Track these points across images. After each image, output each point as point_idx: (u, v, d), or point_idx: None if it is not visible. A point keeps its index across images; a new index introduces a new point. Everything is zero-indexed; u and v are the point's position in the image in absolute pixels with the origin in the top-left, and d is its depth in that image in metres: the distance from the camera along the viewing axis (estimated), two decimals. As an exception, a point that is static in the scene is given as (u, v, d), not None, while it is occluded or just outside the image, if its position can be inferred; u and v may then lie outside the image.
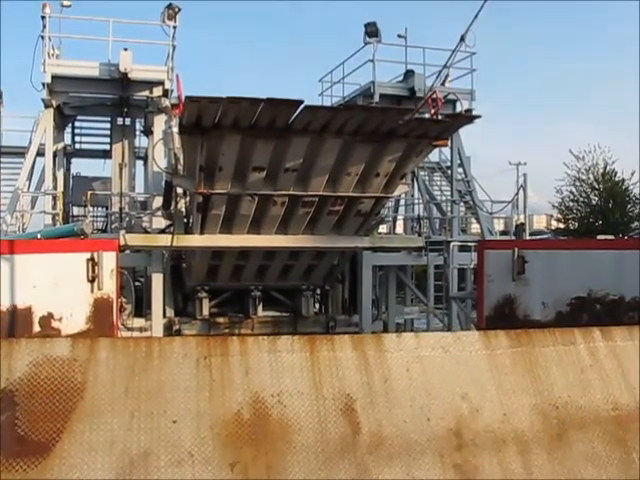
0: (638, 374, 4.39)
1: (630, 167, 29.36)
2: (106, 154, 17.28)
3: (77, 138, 18.45)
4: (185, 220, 12.02)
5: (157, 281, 12.66)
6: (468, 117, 10.32)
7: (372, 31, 14.43)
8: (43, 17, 12.86)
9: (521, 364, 4.28)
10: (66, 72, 13.09)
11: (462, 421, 3.97)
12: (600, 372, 4.42)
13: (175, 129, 10.01)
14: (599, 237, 12.13)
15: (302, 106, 8.84)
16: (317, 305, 15.17)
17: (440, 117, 10.43)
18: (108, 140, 17.14)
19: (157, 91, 13.73)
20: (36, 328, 8.40)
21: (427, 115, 11.32)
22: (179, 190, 11.55)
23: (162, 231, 12.59)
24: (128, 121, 15.70)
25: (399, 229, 19.18)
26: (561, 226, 30.31)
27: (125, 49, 13.28)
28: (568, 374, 4.34)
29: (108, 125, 16.99)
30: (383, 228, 16.64)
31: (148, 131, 15.21)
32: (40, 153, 14.35)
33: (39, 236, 10.17)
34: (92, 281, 9.04)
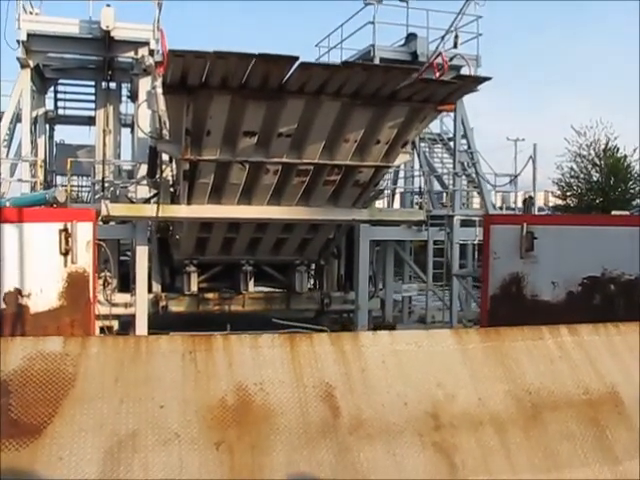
0: (606, 363, 4.66)
1: (630, 143, 28.73)
2: (91, 121, 16.31)
3: (60, 103, 17.43)
4: (171, 189, 11.20)
5: (142, 254, 11.90)
6: (477, 79, 9.44)
7: (373, -9, 13.36)
8: (17, -33, 11.76)
9: (493, 356, 4.52)
10: (43, 29, 12.03)
11: (438, 405, 4.16)
12: (569, 362, 4.62)
13: (159, 90, 9.08)
14: (614, 213, 11.30)
15: (297, 63, 7.91)
16: (311, 281, 14.49)
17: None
18: (93, 106, 16.09)
19: (143, 52, 12.69)
20: (1, 305, 7.62)
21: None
22: (165, 157, 10.67)
23: (147, 201, 11.70)
24: (113, 85, 14.70)
25: (396, 204, 18.32)
26: (559, 202, 29.72)
27: (108, 5, 12.23)
28: (538, 365, 4.56)
29: (93, 90, 15.93)
30: (379, 203, 15.74)
31: (134, 96, 14.19)
32: (19, 119, 13.35)
33: (8, 204, 9.25)
34: (65, 254, 8.26)
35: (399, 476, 3.77)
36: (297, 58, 7.98)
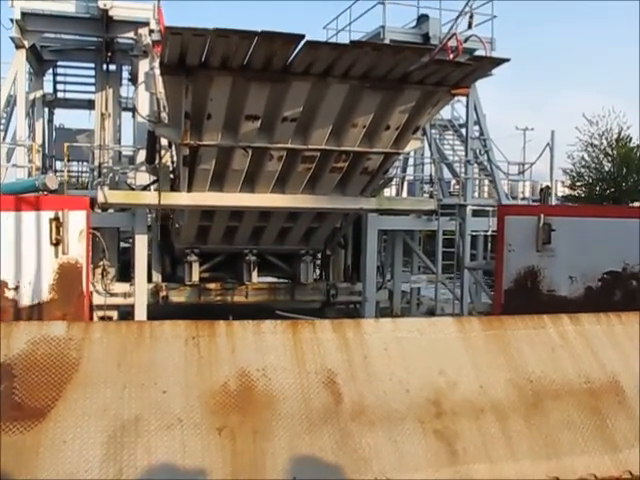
0: (607, 353, 4.84)
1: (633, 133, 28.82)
2: (91, 104, 16.42)
3: (59, 86, 17.48)
4: (171, 176, 11.25)
5: (141, 243, 12.02)
6: (495, 60, 9.34)
7: (383, -30, 13.35)
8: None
9: (494, 345, 4.68)
10: (38, 7, 12.05)
11: (440, 392, 4.31)
12: (571, 351, 4.80)
13: (157, 70, 9.12)
14: (635, 204, 11.29)
15: (303, 42, 7.91)
16: (317, 271, 14.56)
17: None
18: (93, 89, 16.18)
19: (143, 33, 12.73)
20: (-14, 299, 7.57)
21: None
22: (164, 142, 10.72)
23: (145, 188, 11.79)
24: (113, 68, 14.79)
25: (404, 192, 18.40)
26: (568, 192, 29.79)
27: (106, -18, 12.27)
28: (540, 353, 4.72)
29: (93, 72, 16.02)
30: (387, 192, 15.78)
31: (135, 78, 14.28)
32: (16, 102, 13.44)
33: (-3, 191, 9.23)
34: (56, 244, 8.19)
35: (400, 462, 3.91)
36: (303, 36, 7.84)
